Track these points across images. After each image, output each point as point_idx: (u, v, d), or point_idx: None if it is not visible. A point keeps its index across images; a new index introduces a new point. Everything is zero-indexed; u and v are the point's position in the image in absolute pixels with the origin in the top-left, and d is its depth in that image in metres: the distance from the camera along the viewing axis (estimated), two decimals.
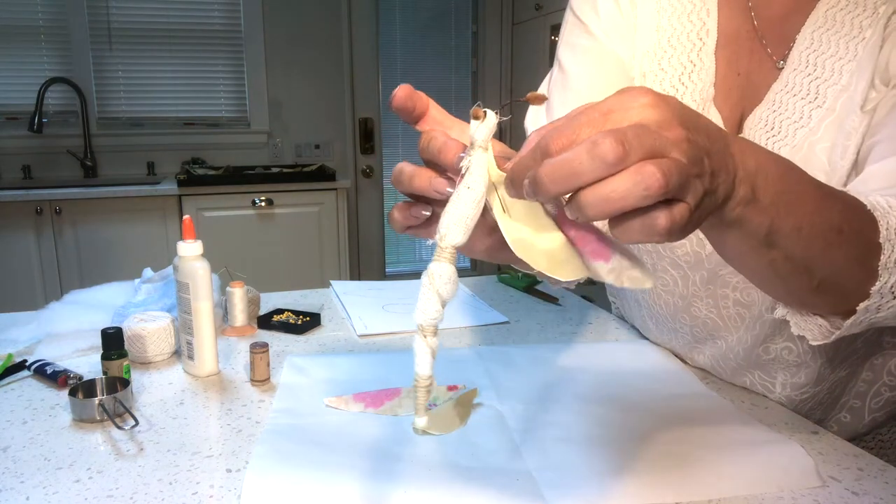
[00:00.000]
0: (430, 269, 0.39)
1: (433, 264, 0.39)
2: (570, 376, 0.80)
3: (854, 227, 0.49)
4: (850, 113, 0.63)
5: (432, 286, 0.39)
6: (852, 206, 0.50)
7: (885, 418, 0.75)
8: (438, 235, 0.39)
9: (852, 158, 0.63)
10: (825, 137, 0.65)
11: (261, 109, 3.25)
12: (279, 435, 0.66)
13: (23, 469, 0.61)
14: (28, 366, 0.83)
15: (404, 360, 0.87)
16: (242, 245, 2.79)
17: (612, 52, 0.77)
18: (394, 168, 0.44)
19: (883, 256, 0.49)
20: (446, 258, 0.39)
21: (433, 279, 0.39)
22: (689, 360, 0.84)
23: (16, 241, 2.56)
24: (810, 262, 0.48)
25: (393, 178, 0.44)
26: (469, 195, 0.39)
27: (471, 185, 0.39)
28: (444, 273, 0.39)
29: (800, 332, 0.56)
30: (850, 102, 0.63)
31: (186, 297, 0.81)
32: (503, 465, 0.60)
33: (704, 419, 0.69)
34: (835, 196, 0.49)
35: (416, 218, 0.44)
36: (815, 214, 0.46)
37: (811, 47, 0.67)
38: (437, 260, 0.39)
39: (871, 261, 0.50)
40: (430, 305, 0.39)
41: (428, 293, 0.39)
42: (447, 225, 0.39)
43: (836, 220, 0.47)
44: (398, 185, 0.44)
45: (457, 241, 0.39)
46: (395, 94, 0.43)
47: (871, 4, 0.64)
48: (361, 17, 3.34)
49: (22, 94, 2.92)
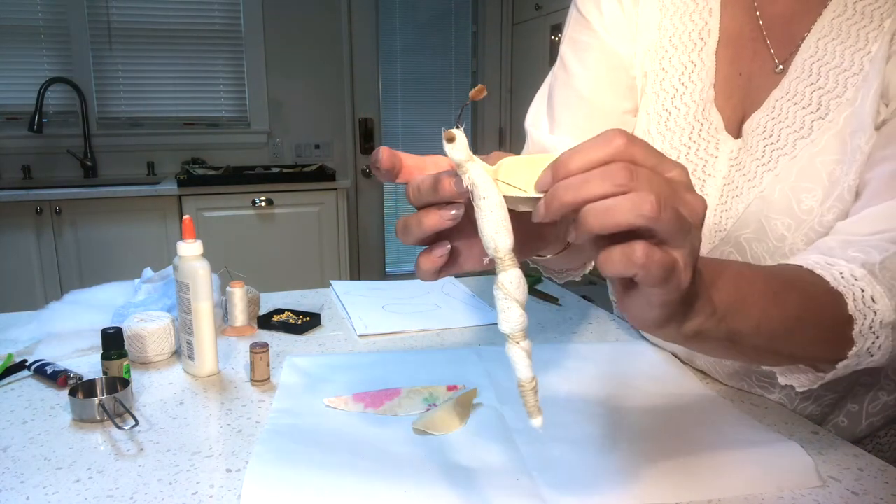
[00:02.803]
0: (500, 281, 0.40)
1: (501, 275, 0.40)
2: (570, 376, 0.80)
3: (814, 312, 0.52)
4: (858, 130, 0.62)
5: (508, 295, 0.40)
6: (809, 292, 0.53)
7: (882, 422, 0.75)
8: (491, 250, 0.40)
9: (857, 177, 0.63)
10: (827, 150, 0.64)
11: (261, 109, 3.25)
12: (279, 435, 0.66)
13: (23, 469, 0.61)
14: (28, 366, 0.83)
15: (404, 360, 0.87)
16: (242, 245, 2.79)
17: (613, 49, 0.77)
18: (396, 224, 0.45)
19: (856, 326, 0.53)
20: (509, 264, 0.40)
21: (506, 288, 0.40)
22: (689, 361, 0.84)
23: (16, 241, 2.56)
24: (775, 348, 0.52)
25: (398, 232, 0.45)
26: (489, 203, 0.40)
27: (485, 194, 0.40)
28: (514, 279, 0.40)
29: (786, 381, 0.58)
30: (856, 118, 0.62)
31: (186, 297, 0.81)
32: (503, 465, 0.60)
33: (704, 419, 0.69)
34: (791, 286, 0.52)
35: (441, 257, 0.45)
36: (770, 310, 0.49)
37: (815, 56, 0.66)
38: (501, 270, 0.40)
39: (844, 331, 0.53)
40: (511, 314, 0.40)
41: (505, 303, 0.40)
42: (491, 237, 0.40)
43: (792, 310, 0.50)
44: (408, 235, 0.44)
45: (508, 245, 0.40)
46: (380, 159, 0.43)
47: (877, 16, 0.63)
48: (361, 17, 3.34)
49: (22, 94, 2.92)
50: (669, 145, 0.75)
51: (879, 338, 0.54)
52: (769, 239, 0.67)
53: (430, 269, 0.45)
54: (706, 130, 0.72)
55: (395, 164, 0.44)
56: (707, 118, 0.72)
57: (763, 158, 0.68)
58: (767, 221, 0.67)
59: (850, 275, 0.54)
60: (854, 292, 0.53)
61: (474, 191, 0.40)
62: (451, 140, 0.40)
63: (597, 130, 0.39)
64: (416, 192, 0.43)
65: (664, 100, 0.75)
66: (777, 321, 0.49)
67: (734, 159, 0.71)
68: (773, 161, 0.67)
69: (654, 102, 0.76)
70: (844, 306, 0.53)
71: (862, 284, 0.54)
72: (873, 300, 0.53)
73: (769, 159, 0.68)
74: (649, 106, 0.77)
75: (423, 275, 0.46)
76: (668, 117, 0.75)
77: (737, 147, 0.71)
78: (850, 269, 0.55)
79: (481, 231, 0.40)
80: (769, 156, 0.68)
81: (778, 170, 0.67)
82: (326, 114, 3.37)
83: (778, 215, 0.66)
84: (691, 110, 0.73)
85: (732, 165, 0.71)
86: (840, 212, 0.63)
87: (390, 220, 3.62)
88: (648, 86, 0.77)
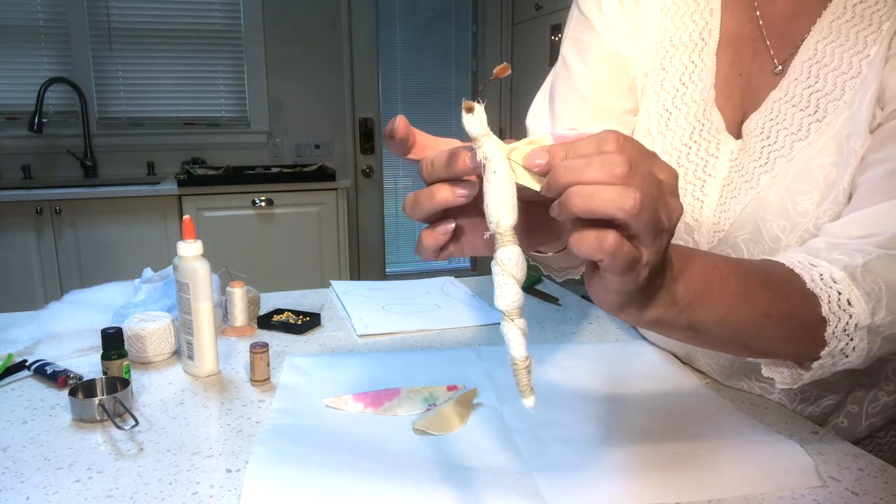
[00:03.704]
0: (498, 256, 0.41)
1: (500, 251, 0.40)
2: (570, 377, 0.80)
3: (784, 310, 0.53)
4: (854, 134, 0.62)
5: (506, 272, 0.40)
6: (783, 291, 0.54)
7: (882, 423, 0.75)
8: (493, 224, 0.40)
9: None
10: (823, 153, 0.64)
11: (261, 109, 3.25)
12: (279, 435, 0.66)
13: (23, 469, 0.61)
14: (28, 366, 0.83)
15: (404, 360, 0.87)
16: (242, 245, 2.79)
17: (614, 49, 0.77)
18: (405, 200, 0.45)
19: (829, 327, 0.54)
20: (509, 240, 0.41)
21: (504, 264, 0.40)
22: (689, 361, 0.84)
23: (16, 241, 2.56)
24: (744, 341, 0.53)
25: (407, 207, 0.45)
26: (499, 178, 0.40)
27: (496, 168, 0.40)
28: (513, 255, 0.40)
29: (769, 374, 0.59)
30: (853, 122, 0.62)
31: (186, 297, 0.81)
32: (503, 465, 0.60)
33: (704, 419, 0.69)
34: (763, 282, 0.53)
35: (445, 234, 0.45)
36: (739, 305, 0.51)
37: (814, 58, 0.66)
38: (501, 245, 0.40)
39: (817, 331, 0.54)
40: (508, 290, 0.40)
41: (503, 279, 0.40)
42: (495, 211, 0.40)
43: (762, 307, 0.52)
44: (417, 209, 0.44)
45: (511, 222, 0.40)
46: (396, 127, 0.43)
47: (875, 19, 0.63)
48: (361, 17, 3.34)
49: (22, 94, 2.92)
50: (670, 145, 0.75)
51: (854, 339, 0.55)
52: (765, 241, 0.67)
53: (432, 246, 0.46)
54: (707, 131, 0.73)
55: (409, 135, 0.44)
56: (708, 118, 0.72)
57: (760, 160, 0.68)
58: (763, 223, 0.67)
59: (829, 277, 0.55)
60: (830, 295, 0.54)
61: (486, 164, 0.41)
62: (471, 110, 0.40)
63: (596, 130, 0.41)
64: (430, 167, 0.43)
65: (665, 100, 0.75)
66: (745, 317, 0.51)
67: (734, 160, 0.71)
68: (770, 163, 0.67)
69: (654, 102, 0.76)
70: (818, 308, 0.54)
71: (840, 287, 0.54)
72: (849, 303, 0.54)
73: (766, 161, 0.68)
74: (650, 106, 0.77)
75: (423, 251, 0.46)
76: (669, 117, 0.75)
77: (737, 148, 0.71)
78: (830, 272, 0.55)
79: (487, 204, 0.41)
80: (766, 157, 0.68)
81: (775, 172, 0.67)
82: (326, 114, 3.36)
83: (773, 217, 0.66)
84: (692, 110, 0.73)
85: (733, 166, 0.71)
86: (835, 215, 0.63)
87: (390, 220, 3.62)
88: (649, 86, 0.77)
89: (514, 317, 0.41)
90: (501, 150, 0.41)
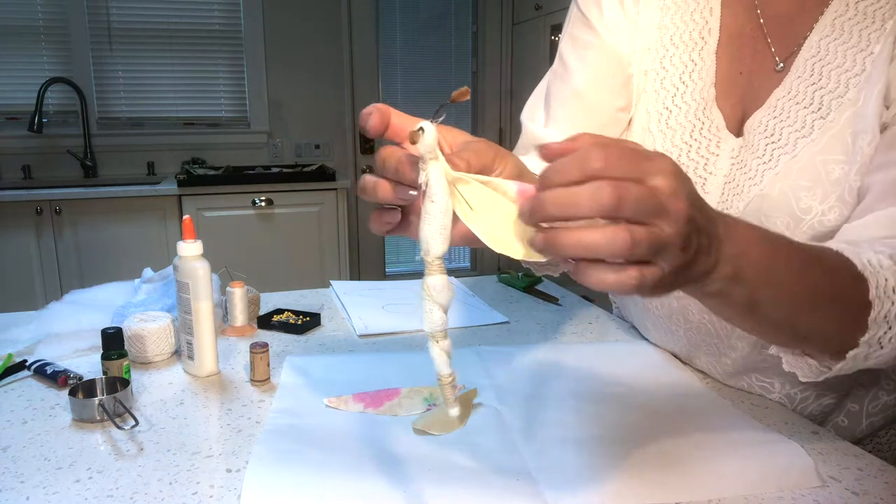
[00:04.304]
0: (426, 283, 0.43)
1: (427, 278, 0.43)
2: (570, 376, 0.80)
3: (835, 291, 0.53)
4: (861, 132, 0.62)
5: (431, 298, 0.43)
6: (835, 269, 0.54)
7: (882, 422, 0.75)
8: (423, 251, 0.42)
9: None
10: (827, 149, 0.64)
11: (261, 109, 3.25)
12: (279, 435, 0.66)
13: (23, 469, 0.61)
14: (28, 366, 0.83)
15: (404, 360, 0.87)
16: (242, 245, 2.79)
17: (612, 48, 0.77)
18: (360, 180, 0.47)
19: (873, 312, 0.53)
20: (436, 269, 0.43)
21: (430, 292, 0.43)
22: (689, 361, 0.84)
23: (16, 241, 2.56)
24: (793, 322, 0.53)
25: (359, 189, 0.47)
26: (436, 207, 0.41)
27: (434, 198, 0.41)
28: (438, 284, 0.43)
29: (791, 369, 0.59)
30: (859, 120, 0.62)
31: (186, 297, 0.81)
32: (503, 465, 0.60)
33: (704, 419, 0.69)
34: (818, 262, 0.53)
35: (389, 223, 0.49)
36: (795, 284, 0.51)
37: (817, 56, 0.66)
38: (429, 274, 0.43)
39: (860, 315, 0.53)
40: (433, 315, 0.43)
41: (428, 304, 0.43)
42: (427, 240, 0.42)
43: (816, 285, 0.52)
44: (364, 196, 0.47)
45: (440, 252, 0.42)
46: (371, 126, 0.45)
47: (878, 17, 0.63)
48: (361, 17, 3.34)
49: (22, 94, 2.92)
50: (670, 143, 0.75)
51: (892, 328, 0.54)
52: None
53: (379, 230, 0.49)
54: (707, 129, 0.73)
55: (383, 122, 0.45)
56: (708, 117, 0.73)
57: (764, 157, 0.68)
58: (767, 220, 0.67)
59: (877, 262, 0.54)
60: (878, 279, 0.53)
61: (427, 190, 0.41)
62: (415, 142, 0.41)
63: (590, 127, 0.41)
64: (382, 165, 0.45)
65: (664, 98, 0.76)
66: (799, 297, 0.51)
67: (735, 158, 0.71)
68: (774, 160, 0.67)
69: (654, 101, 0.76)
70: (866, 291, 0.53)
71: (887, 273, 0.54)
72: (894, 291, 0.53)
73: (770, 158, 0.68)
74: (650, 104, 0.77)
75: (371, 228, 0.50)
76: (669, 115, 0.75)
77: (738, 146, 0.71)
78: (878, 259, 0.55)
79: (420, 230, 0.42)
80: (770, 154, 0.68)
81: (778, 168, 0.67)
82: (326, 114, 3.36)
83: (777, 214, 0.66)
84: (692, 109, 0.74)
85: (734, 164, 0.71)
86: (842, 212, 0.63)
87: None
88: (649, 84, 0.77)
89: (439, 338, 0.44)
90: (444, 179, 0.41)
